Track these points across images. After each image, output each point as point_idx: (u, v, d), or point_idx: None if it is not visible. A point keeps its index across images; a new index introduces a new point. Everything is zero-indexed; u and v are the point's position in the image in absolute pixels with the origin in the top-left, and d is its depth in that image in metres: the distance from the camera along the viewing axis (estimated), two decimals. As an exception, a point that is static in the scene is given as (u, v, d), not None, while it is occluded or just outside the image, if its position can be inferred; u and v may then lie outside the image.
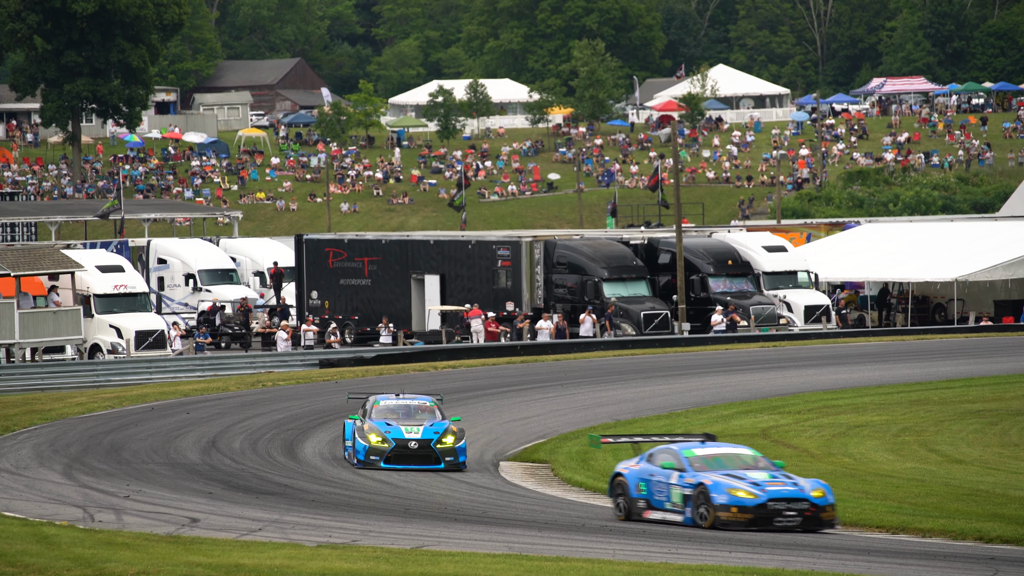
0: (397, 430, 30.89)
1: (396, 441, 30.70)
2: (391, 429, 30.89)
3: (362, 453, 30.64)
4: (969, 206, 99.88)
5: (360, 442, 30.73)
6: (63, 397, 42.80)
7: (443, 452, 30.85)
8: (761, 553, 21.94)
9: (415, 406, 31.71)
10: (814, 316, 60.47)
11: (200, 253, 68.72)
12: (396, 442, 30.70)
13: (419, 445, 30.77)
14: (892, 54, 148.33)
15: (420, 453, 30.75)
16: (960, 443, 32.82)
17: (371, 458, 30.56)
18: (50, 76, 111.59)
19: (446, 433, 30.96)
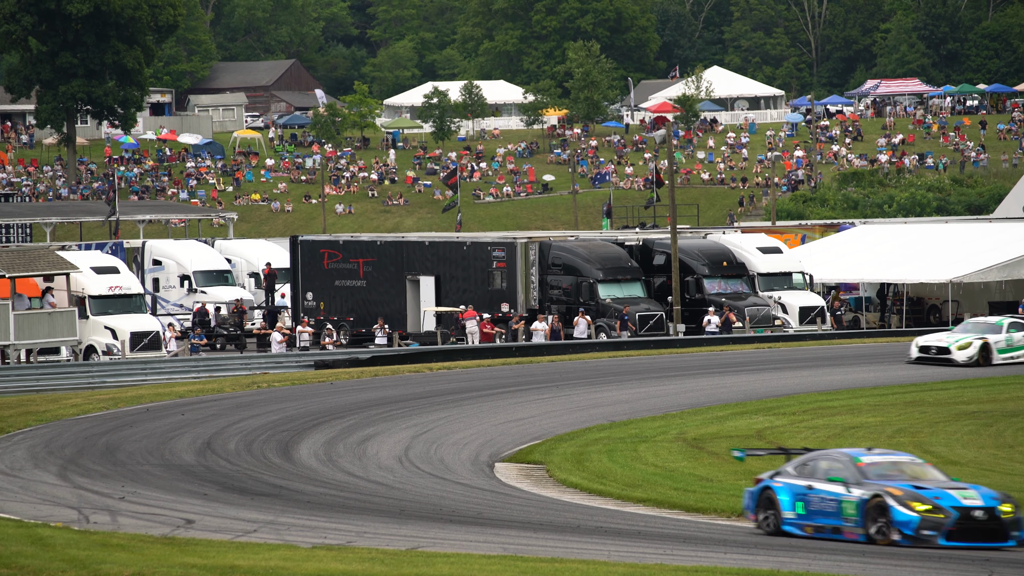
0: (947, 495, 23.49)
1: (957, 511, 23.24)
2: (937, 493, 23.52)
3: (911, 526, 23.17)
4: (964, 208, 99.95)
5: (902, 511, 23.25)
6: (58, 399, 42.78)
7: (1010, 524, 23.36)
8: (756, 554, 21.95)
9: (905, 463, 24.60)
10: (809, 317, 60.51)
11: (195, 254, 68.70)
12: (957, 511, 23.24)
13: (986, 515, 23.34)
14: (886, 56, 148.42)
15: (988, 526, 23.27)
16: (955, 444, 32.85)
17: (924, 533, 23.15)
18: (45, 77, 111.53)
19: (1002, 500, 23.62)
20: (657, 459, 31.58)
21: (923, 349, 46.95)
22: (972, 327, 47.76)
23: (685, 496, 27.51)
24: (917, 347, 47.15)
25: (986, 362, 46.22)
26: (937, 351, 46.54)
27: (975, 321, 48.86)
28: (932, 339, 47.28)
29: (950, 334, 47.51)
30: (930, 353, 46.58)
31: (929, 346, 46.86)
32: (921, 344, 47.15)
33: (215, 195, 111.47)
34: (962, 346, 46.36)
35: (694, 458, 31.62)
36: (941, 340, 46.88)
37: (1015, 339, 46.76)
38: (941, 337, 47.21)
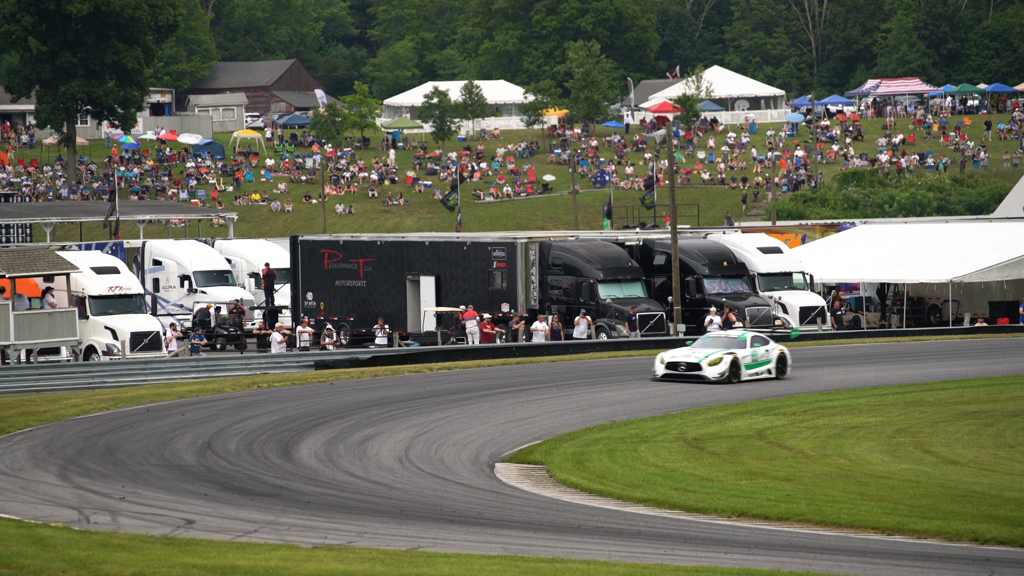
0: None
1: None
2: None
3: None
4: (964, 207, 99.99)
5: None
6: (58, 399, 42.78)
7: None
8: (756, 555, 21.94)
9: None
10: (809, 317, 60.52)
11: (195, 254, 68.71)
12: None
13: None
14: (887, 55, 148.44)
15: None
16: (955, 444, 32.85)
17: None
18: (45, 77, 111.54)
19: None
20: (657, 459, 31.59)
21: (671, 365, 43.44)
22: (713, 341, 44.48)
23: (685, 496, 27.51)
24: (663, 363, 43.67)
25: (736, 378, 43.19)
26: (687, 367, 43.15)
27: (716, 335, 45.46)
28: (679, 355, 43.78)
29: (693, 349, 44.08)
30: (679, 370, 43.16)
31: (677, 362, 43.36)
32: (668, 360, 43.63)
33: (215, 195, 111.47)
34: (713, 362, 43.13)
35: (694, 458, 31.62)
36: (689, 356, 43.50)
37: (759, 354, 43.81)
38: (687, 353, 43.82)
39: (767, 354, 43.87)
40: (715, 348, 43.62)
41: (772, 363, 43.88)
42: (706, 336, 45.57)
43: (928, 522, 24.45)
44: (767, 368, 43.81)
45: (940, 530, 24.06)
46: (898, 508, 25.80)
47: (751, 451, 32.28)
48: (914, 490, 27.49)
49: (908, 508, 25.79)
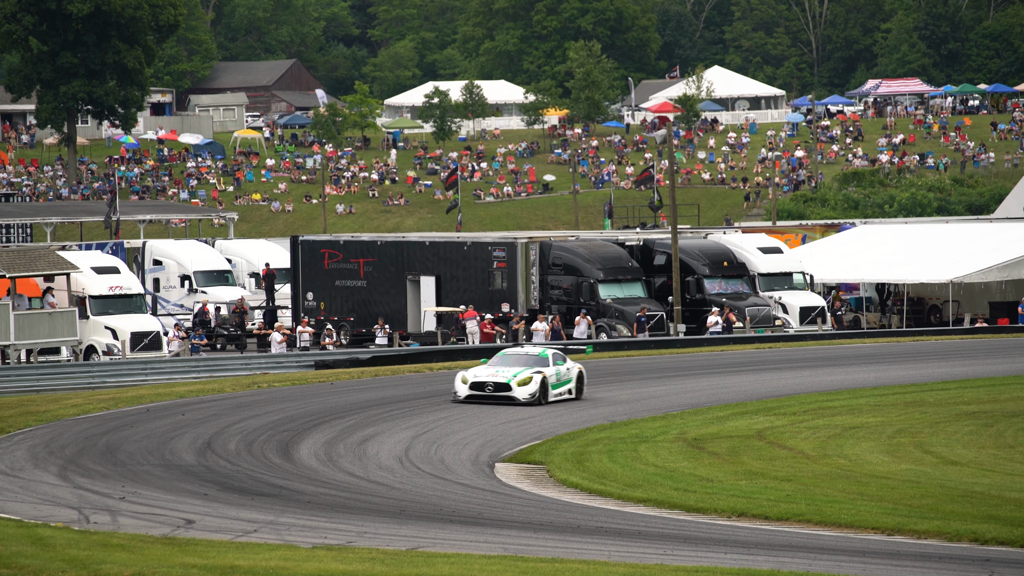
0: None
1: None
2: None
3: None
4: (964, 208, 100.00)
5: None
6: (58, 399, 42.78)
7: None
8: (756, 555, 21.94)
9: None
10: (809, 317, 60.52)
11: (196, 254, 68.72)
12: None
13: None
14: (887, 56, 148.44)
15: None
16: (955, 445, 32.84)
17: None
18: (46, 77, 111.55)
19: None
20: (657, 459, 31.58)
21: (475, 386, 39.00)
22: (514, 359, 39.95)
23: (685, 496, 27.51)
24: (466, 383, 39.17)
25: (544, 399, 39.30)
26: (495, 387, 38.85)
27: (512, 353, 40.65)
28: (483, 374, 39.20)
29: (496, 368, 39.44)
30: (485, 390, 38.84)
31: (483, 382, 39.01)
32: (472, 380, 39.13)
33: (215, 195, 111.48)
34: (522, 382, 38.95)
35: (694, 458, 31.62)
36: (495, 375, 38.98)
37: (561, 372, 40.04)
38: (491, 372, 39.18)
39: (568, 373, 40.00)
40: (519, 367, 39.18)
41: (573, 382, 40.05)
42: (503, 354, 40.23)
43: (928, 522, 24.45)
44: (568, 388, 39.92)
45: (940, 530, 24.05)
46: (898, 508, 25.79)
47: (751, 451, 32.28)
48: (914, 490, 27.48)
49: (908, 508, 25.79)
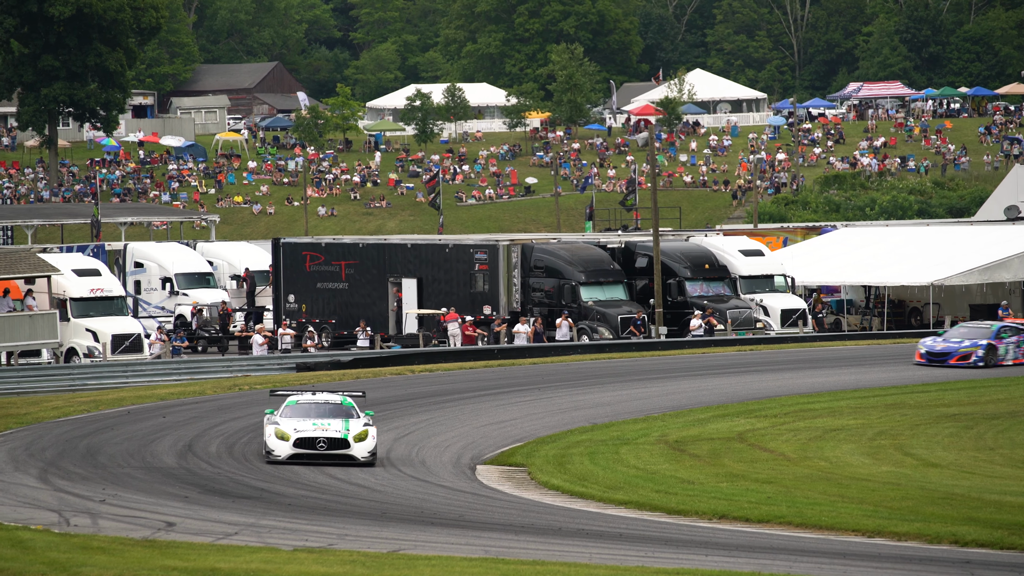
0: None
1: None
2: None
3: None
4: (945, 210, 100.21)
5: None
6: (39, 401, 42.68)
7: None
8: (738, 557, 21.97)
9: None
10: (791, 320, 60.60)
11: (177, 257, 68.64)
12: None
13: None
14: (869, 59, 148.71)
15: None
16: (935, 447, 32.91)
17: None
18: (27, 80, 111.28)
19: None
20: (639, 461, 31.60)
21: (303, 443, 31.45)
22: (319, 409, 32.22)
23: (667, 498, 27.53)
24: (288, 440, 31.58)
25: (375, 456, 31.91)
26: (330, 444, 31.48)
27: (311, 401, 32.54)
28: (306, 428, 31.51)
29: (314, 420, 31.92)
30: (316, 447, 31.43)
31: (312, 438, 31.44)
32: (297, 437, 31.50)
33: (197, 197, 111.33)
34: (358, 437, 31.54)
35: (676, 460, 31.65)
36: (324, 430, 31.57)
37: None
38: (313, 426, 31.69)
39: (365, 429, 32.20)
40: (333, 418, 31.96)
41: (373, 442, 32.01)
42: (296, 402, 32.45)
43: (909, 524, 24.50)
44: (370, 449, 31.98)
45: (921, 532, 24.11)
46: (879, 510, 25.84)
47: (732, 453, 32.32)
48: (895, 492, 27.53)
49: (889, 510, 25.84)
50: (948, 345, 46.16)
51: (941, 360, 45.68)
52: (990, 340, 45.87)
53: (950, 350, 45.91)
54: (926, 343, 46.81)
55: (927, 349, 46.41)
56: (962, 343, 46.01)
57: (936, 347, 46.32)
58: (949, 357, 45.64)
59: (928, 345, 46.59)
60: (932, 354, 46.20)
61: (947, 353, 45.88)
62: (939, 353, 45.90)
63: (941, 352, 45.96)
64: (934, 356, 46.13)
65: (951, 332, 47.55)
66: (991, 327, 46.79)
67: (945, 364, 45.43)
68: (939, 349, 46.14)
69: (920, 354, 46.55)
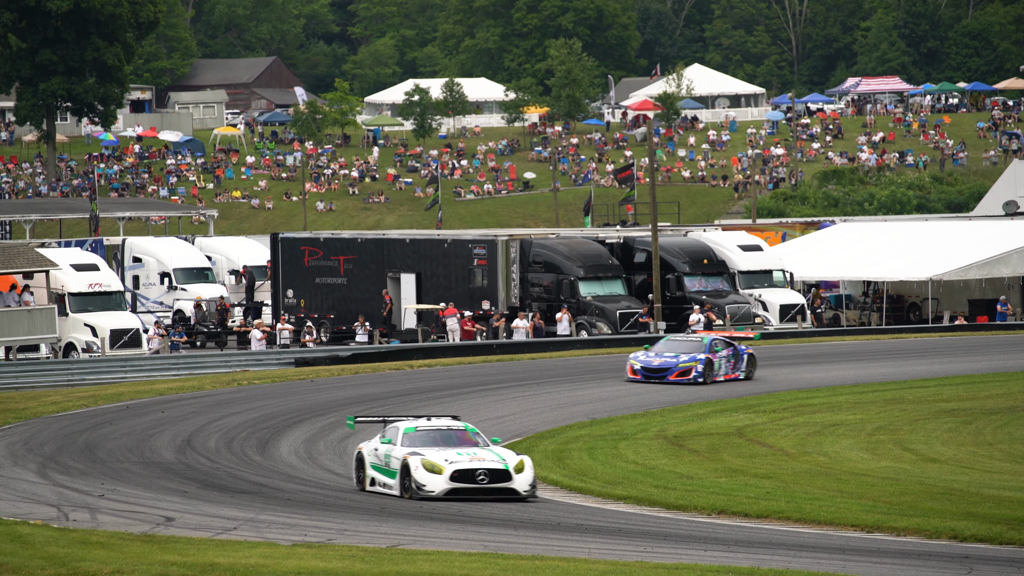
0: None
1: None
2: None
3: None
4: (943, 205, 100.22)
5: None
6: (37, 396, 42.67)
7: None
8: (736, 552, 21.96)
9: None
10: (789, 315, 60.62)
11: (175, 252, 68.63)
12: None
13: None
14: (867, 54, 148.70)
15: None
16: (934, 442, 32.92)
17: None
18: (24, 74, 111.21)
19: None
20: (637, 456, 31.61)
21: (461, 476, 27.31)
22: (440, 438, 28.42)
23: (665, 493, 27.53)
24: (442, 474, 27.32)
25: None
26: (489, 476, 27.28)
27: (430, 428, 28.55)
28: (459, 460, 27.50)
29: (450, 450, 27.81)
30: (476, 481, 27.31)
31: (471, 470, 27.40)
32: (454, 469, 27.35)
33: (195, 192, 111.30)
34: (518, 467, 27.57)
35: (674, 455, 31.65)
36: (486, 461, 27.56)
37: None
38: (454, 455, 27.61)
39: None
40: (468, 446, 28.25)
41: None
42: (415, 430, 28.54)
43: (907, 520, 24.49)
44: None
45: (919, 528, 24.10)
46: (877, 506, 25.83)
47: (731, 448, 32.32)
48: (893, 488, 27.53)
49: (887, 506, 25.83)
50: (666, 360, 42.70)
51: (660, 376, 42.39)
52: (707, 354, 42.57)
53: (668, 365, 42.61)
54: (639, 358, 43.26)
55: (642, 364, 43.00)
56: (679, 358, 42.65)
57: (653, 362, 42.76)
58: (668, 373, 42.37)
59: (643, 360, 43.10)
60: (649, 370, 42.75)
61: (665, 369, 42.54)
62: (656, 369, 42.53)
63: (659, 368, 42.57)
64: (651, 372, 42.68)
65: (660, 346, 43.81)
66: (703, 340, 43.35)
67: (664, 380, 42.24)
68: (656, 364, 42.63)
69: (634, 369, 43.08)
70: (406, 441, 28.10)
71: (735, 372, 43.44)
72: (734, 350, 43.44)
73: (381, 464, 27.93)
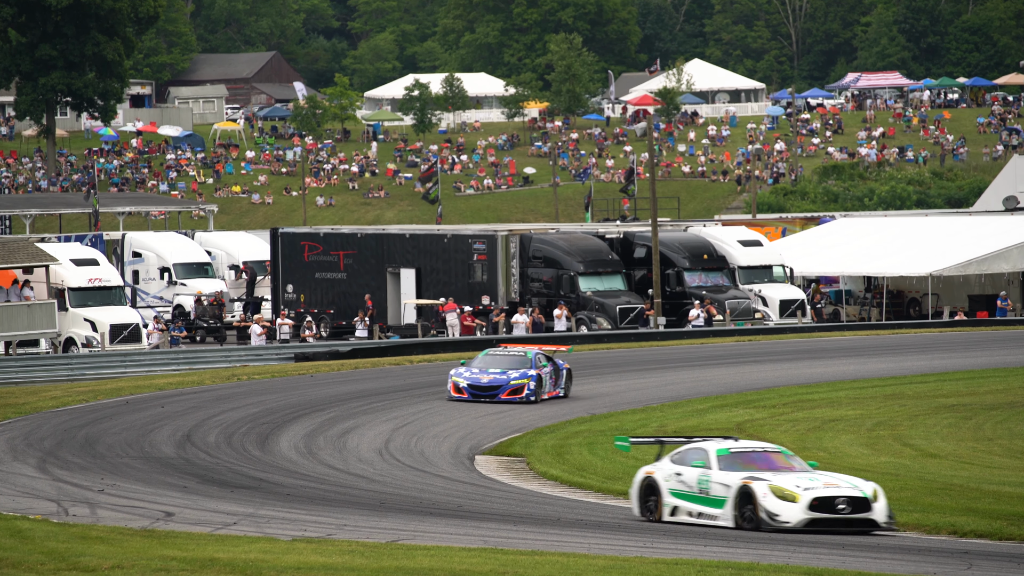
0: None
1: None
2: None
3: None
4: (943, 201, 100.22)
5: None
6: (37, 391, 42.67)
7: None
8: (736, 547, 21.96)
9: None
10: (789, 310, 60.61)
11: (175, 246, 68.64)
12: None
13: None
14: (867, 49, 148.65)
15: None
16: (934, 437, 32.92)
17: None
18: (24, 69, 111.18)
19: None
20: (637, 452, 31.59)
21: (822, 505, 23.89)
22: (760, 460, 25.21)
23: (665, 489, 27.48)
24: (797, 502, 23.86)
25: None
26: (852, 505, 23.97)
27: (695, 448, 25.57)
28: (811, 485, 24.14)
29: (804, 475, 24.66)
30: (836, 510, 24.01)
31: (831, 497, 24.05)
32: (815, 495, 23.96)
33: (195, 187, 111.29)
34: (875, 495, 24.14)
35: (674, 451, 31.62)
36: (843, 487, 24.24)
37: None
38: (798, 480, 24.32)
39: None
40: (797, 470, 24.92)
41: None
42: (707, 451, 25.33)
43: (907, 515, 24.49)
44: None
45: (919, 523, 24.10)
46: (877, 501, 25.81)
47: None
48: (893, 483, 27.52)
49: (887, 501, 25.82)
50: (496, 378, 39.55)
51: (490, 395, 39.29)
52: (536, 370, 39.49)
53: (499, 383, 39.42)
54: (463, 375, 39.73)
55: (469, 382, 39.58)
56: (508, 374, 39.46)
57: (482, 380, 39.53)
58: (500, 391, 39.31)
59: (469, 378, 39.68)
60: (477, 387, 39.44)
61: (496, 387, 39.39)
62: (486, 387, 39.37)
63: (488, 385, 39.41)
64: (479, 390, 39.42)
65: (482, 361, 40.13)
66: (527, 354, 40.23)
67: (495, 399, 39.19)
68: (486, 382, 39.48)
69: (458, 387, 39.52)
70: (723, 464, 24.58)
71: (556, 389, 40.30)
72: (555, 366, 40.42)
73: (690, 491, 24.57)
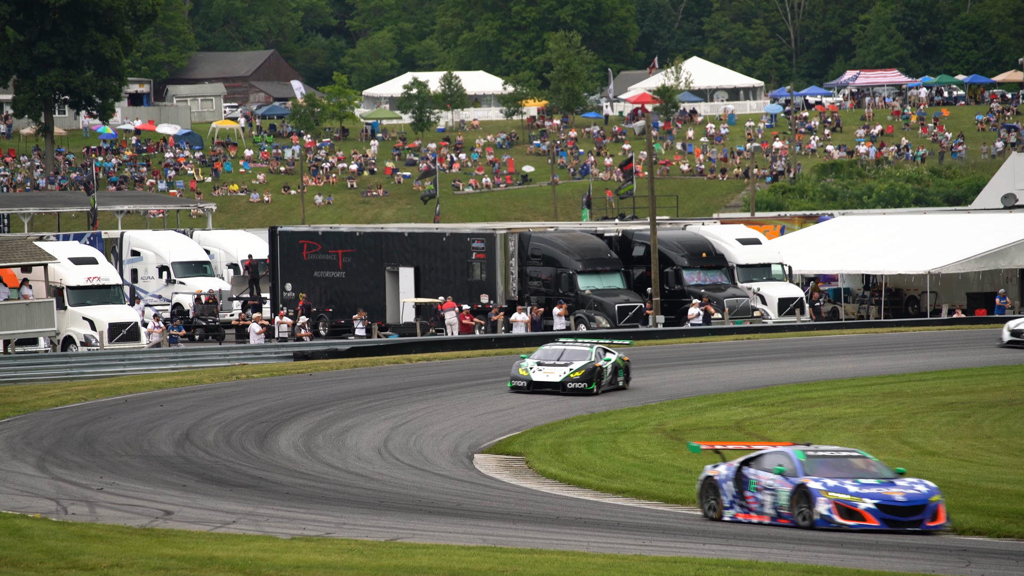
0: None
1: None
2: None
3: None
4: (942, 199, 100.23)
5: None
6: (36, 389, 42.68)
7: None
8: (735, 545, 21.97)
9: None
10: (788, 308, 60.62)
11: (174, 245, 68.62)
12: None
13: None
14: (865, 47, 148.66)
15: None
16: (933, 435, 32.93)
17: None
18: (22, 67, 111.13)
19: None
20: (636, 450, 31.62)
21: None
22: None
23: (664, 487, 27.55)
24: None
25: None
26: None
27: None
28: None
29: None
30: None
31: None
32: None
33: (194, 186, 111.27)
34: None
35: (673, 449, 31.67)
36: None
37: None
38: None
39: None
40: None
41: None
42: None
43: (906, 513, 24.48)
44: None
45: (918, 521, 24.09)
46: (876, 499, 25.81)
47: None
48: (892, 481, 27.52)
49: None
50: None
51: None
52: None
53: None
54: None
55: None
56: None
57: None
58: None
59: None
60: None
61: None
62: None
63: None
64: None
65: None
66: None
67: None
68: None
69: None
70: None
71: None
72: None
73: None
